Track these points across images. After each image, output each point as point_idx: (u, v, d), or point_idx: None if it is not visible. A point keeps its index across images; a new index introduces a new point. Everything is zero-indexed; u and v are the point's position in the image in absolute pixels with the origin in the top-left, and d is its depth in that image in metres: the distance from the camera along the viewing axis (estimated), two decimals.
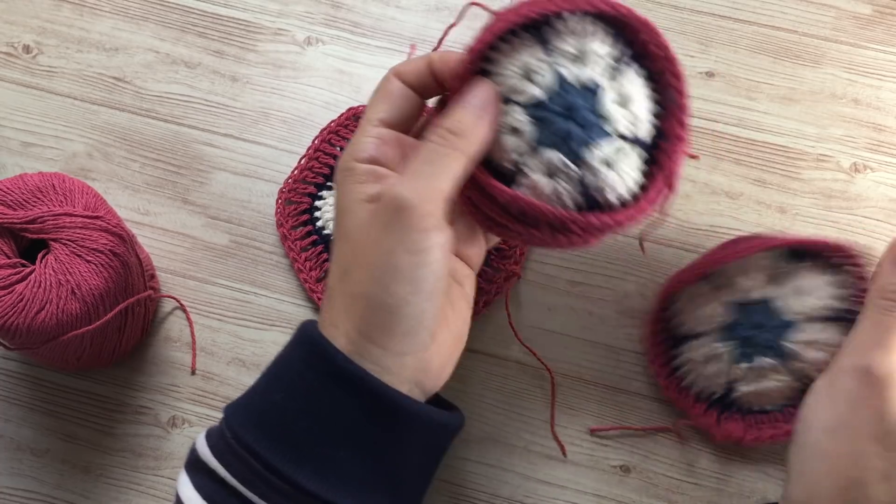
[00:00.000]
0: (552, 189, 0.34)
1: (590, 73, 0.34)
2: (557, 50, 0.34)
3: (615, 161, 0.34)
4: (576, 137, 0.34)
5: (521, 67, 0.34)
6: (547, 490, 0.46)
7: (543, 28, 0.35)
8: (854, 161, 0.52)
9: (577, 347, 0.49)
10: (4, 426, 0.47)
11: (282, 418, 0.33)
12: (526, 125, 0.34)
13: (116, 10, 0.55)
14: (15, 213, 0.40)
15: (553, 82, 0.34)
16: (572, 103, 0.34)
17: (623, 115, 0.34)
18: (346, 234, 0.34)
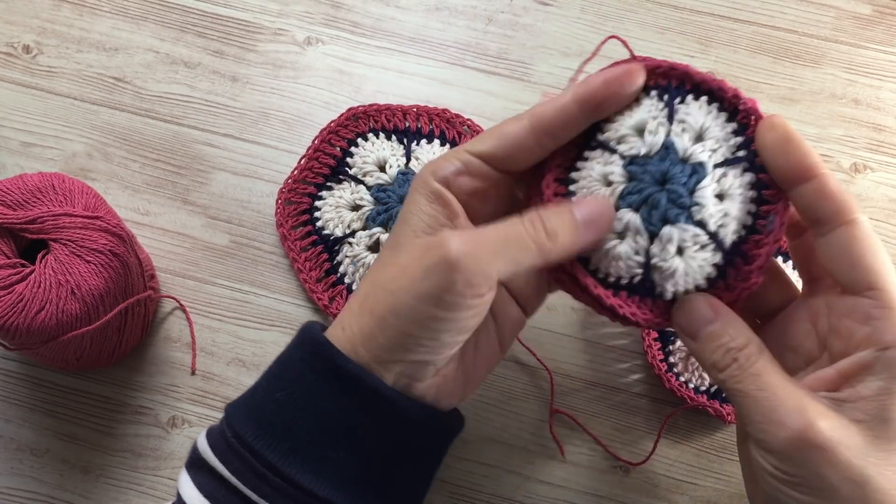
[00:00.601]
0: (615, 250, 0.33)
1: (701, 152, 0.32)
2: (679, 120, 0.33)
3: (688, 252, 0.32)
4: (661, 210, 0.32)
5: (638, 121, 0.33)
6: (547, 490, 0.46)
7: (673, 94, 0.33)
8: (854, 161, 0.52)
9: (577, 347, 0.49)
10: (4, 426, 0.47)
11: (281, 417, 0.33)
12: (620, 178, 0.33)
13: (116, 10, 0.55)
14: (15, 213, 0.40)
15: (661, 145, 0.33)
16: (672, 175, 0.32)
17: (716, 210, 0.32)
18: (394, 244, 0.34)
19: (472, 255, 0.31)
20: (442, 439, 0.36)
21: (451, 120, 0.52)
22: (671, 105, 0.33)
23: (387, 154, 0.51)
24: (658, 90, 0.34)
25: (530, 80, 0.54)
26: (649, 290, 0.34)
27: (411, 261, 0.32)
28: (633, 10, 0.56)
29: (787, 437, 0.29)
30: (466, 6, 0.56)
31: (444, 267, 0.31)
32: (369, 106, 0.52)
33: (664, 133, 0.33)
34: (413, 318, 0.31)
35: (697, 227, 0.32)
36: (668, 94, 0.33)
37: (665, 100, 0.33)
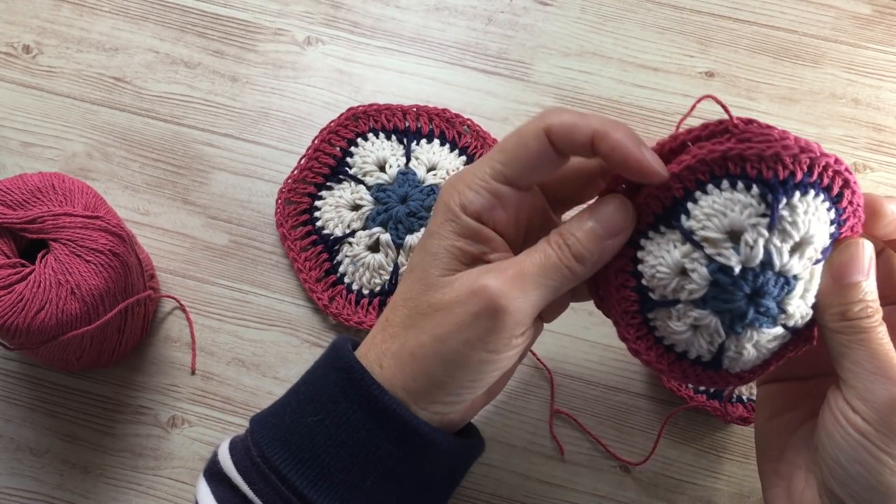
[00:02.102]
0: (688, 339, 0.32)
1: (798, 265, 0.30)
2: (781, 230, 0.29)
3: (765, 344, 0.32)
4: (747, 320, 0.31)
5: (733, 223, 0.30)
6: (547, 490, 0.46)
7: (778, 195, 0.29)
8: (854, 161, 0.52)
9: (577, 347, 0.49)
10: (4, 426, 0.47)
11: (312, 442, 0.33)
12: (703, 281, 0.31)
13: (116, 10, 0.55)
14: (15, 213, 0.40)
15: (758, 262, 0.30)
16: (764, 290, 0.30)
17: (801, 312, 0.31)
18: (427, 281, 0.33)
19: (516, 296, 0.31)
20: (467, 464, 0.36)
21: (451, 120, 0.52)
22: (774, 207, 0.29)
23: (387, 154, 0.51)
24: (759, 185, 0.29)
25: (530, 80, 0.54)
26: (714, 366, 0.33)
27: (453, 304, 0.32)
28: (633, 10, 0.56)
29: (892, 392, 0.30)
30: (466, 6, 0.56)
31: (491, 312, 0.31)
32: (369, 106, 0.52)
33: (762, 246, 0.29)
34: (461, 364, 0.32)
35: (780, 327, 0.32)
36: (770, 191, 0.29)
37: (768, 199, 0.29)
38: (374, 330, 0.35)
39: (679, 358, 0.34)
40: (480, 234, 0.33)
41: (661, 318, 0.33)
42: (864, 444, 0.31)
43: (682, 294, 0.31)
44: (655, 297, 0.32)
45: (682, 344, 0.33)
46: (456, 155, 0.52)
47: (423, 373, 0.32)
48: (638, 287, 0.33)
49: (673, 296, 0.32)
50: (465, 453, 0.35)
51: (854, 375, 0.31)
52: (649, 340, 0.34)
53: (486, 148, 0.52)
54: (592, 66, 0.55)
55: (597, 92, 0.54)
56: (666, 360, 0.34)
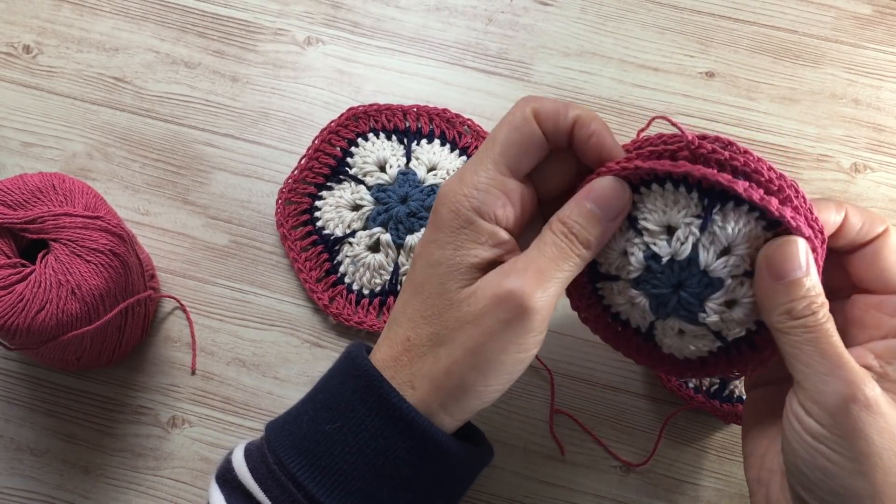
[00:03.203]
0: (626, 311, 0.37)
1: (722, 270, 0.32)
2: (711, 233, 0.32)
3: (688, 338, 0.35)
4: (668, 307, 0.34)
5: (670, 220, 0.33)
6: (547, 490, 0.46)
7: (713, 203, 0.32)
8: (854, 161, 0.52)
9: (577, 347, 0.49)
10: (4, 426, 0.47)
11: (329, 449, 0.32)
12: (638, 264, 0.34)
13: (116, 10, 0.55)
14: (15, 213, 0.40)
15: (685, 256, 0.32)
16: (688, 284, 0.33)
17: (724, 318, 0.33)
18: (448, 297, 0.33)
19: (539, 295, 0.32)
20: (477, 472, 0.36)
21: (451, 120, 0.52)
22: (709, 213, 0.32)
23: (387, 154, 0.51)
24: (699, 190, 0.32)
25: (530, 80, 0.54)
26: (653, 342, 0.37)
27: (482, 315, 0.32)
28: (633, 10, 0.56)
29: (844, 391, 0.30)
30: (466, 6, 0.56)
31: (520, 315, 0.31)
32: (369, 106, 0.52)
33: (691, 244, 0.32)
34: (497, 370, 0.32)
35: (701, 326, 0.34)
36: (708, 198, 0.32)
37: (704, 203, 0.32)
38: (398, 352, 0.34)
39: (623, 327, 0.38)
40: (497, 236, 0.33)
41: (605, 289, 0.37)
42: (819, 448, 0.30)
43: (623, 273, 0.35)
44: (602, 270, 0.36)
45: (623, 313, 0.37)
46: (456, 155, 0.52)
47: (461, 387, 0.32)
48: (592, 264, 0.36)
49: (616, 272, 0.35)
50: (478, 462, 0.36)
51: (805, 377, 0.31)
52: (597, 310, 0.38)
53: None
54: (592, 66, 0.55)
55: (597, 92, 0.54)
56: (612, 329, 0.38)
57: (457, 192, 0.33)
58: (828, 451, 0.30)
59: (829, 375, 0.30)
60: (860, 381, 0.30)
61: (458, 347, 0.32)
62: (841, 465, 0.30)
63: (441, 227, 0.33)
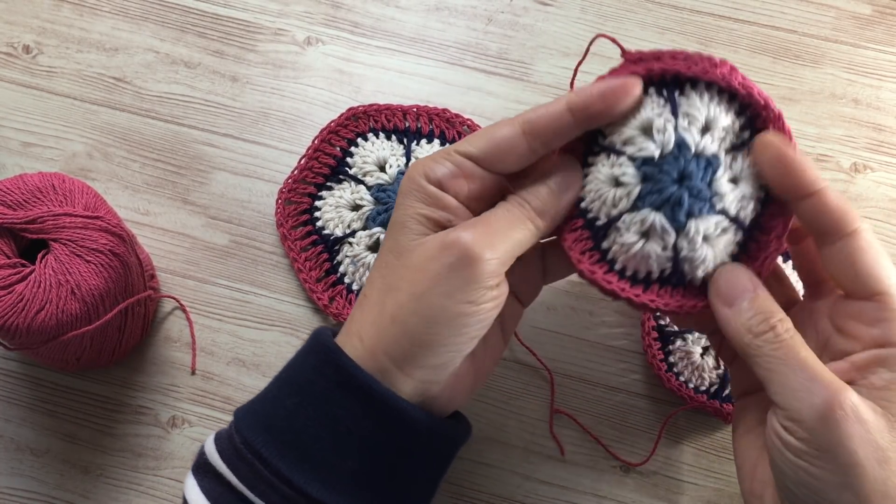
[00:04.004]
0: (643, 250, 0.34)
1: (712, 144, 0.33)
2: (684, 114, 0.33)
3: (714, 238, 0.33)
4: (684, 205, 0.33)
5: (643, 121, 0.33)
6: (547, 490, 0.46)
7: (672, 89, 0.33)
8: (854, 161, 0.52)
9: (577, 347, 0.49)
10: (4, 426, 0.47)
11: (291, 424, 0.33)
12: (633, 179, 0.33)
13: (116, 10, 0.55)
14: (15, 213, 0.40)
15: (672, 143, 0.33)
16: (689, 171, 0.33)
17: (735, 195, 0.33)
18: (398, 249, 0.34)
19: (487, 245, 0.32)
20: (450, 447, 0.36)
21: (451, 120, 0.52)
22: (673, 99, 0.33)
23: (387, 154, 0.51)
24: (655, 86, 0.34)
25: (530, 80, 0.54)
26: (679, 280, 0.35)
27: (428, 261, 0.32)
28: (632, 10, 0.56)
29: (820, 405, 0.29)
30: (466, 6, 0.56)
31: (466, 261, 0.31)
32: (369, 106, 0.52)
33: (672, 130, 0.33)
34: (442, 318, 0.32)
35: (720, 215, 0.33)
36: (666, 89, 0.33)
37: (665, 95, 0.33)
38: (353, 310, 0.35)
39: (647, 284, 0.35)
40: (442, 200, 0.34)
41: (615, 242, 0.34)
42: (801, 465, 0.30)
43: (622, 203, 0.34)
44: (601, 221, 0.35)
45: (641, 262, 0.34)
46: None
47: (405, 333, 0.32)
48: (587, 224, 0.35)
49: (616, 211, 0.34)
50: (449, 434, 0.35)
51: (780, 395, 0.31)
52: (614, 276, 0.35)
53: None
54: (593, 66, 0.55)
55: None
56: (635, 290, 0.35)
57: (415, 163, 0.35)
58: (810, 468, 0.30)
59: (802, 390, 0.30)
60: (835, 391, 0.29)
61: (402, 292, 0.33)
62: (825, 480, 0.30)
63: (399, 192, 0.35)
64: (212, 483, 0.33)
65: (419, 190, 0.34)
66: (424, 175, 0.34)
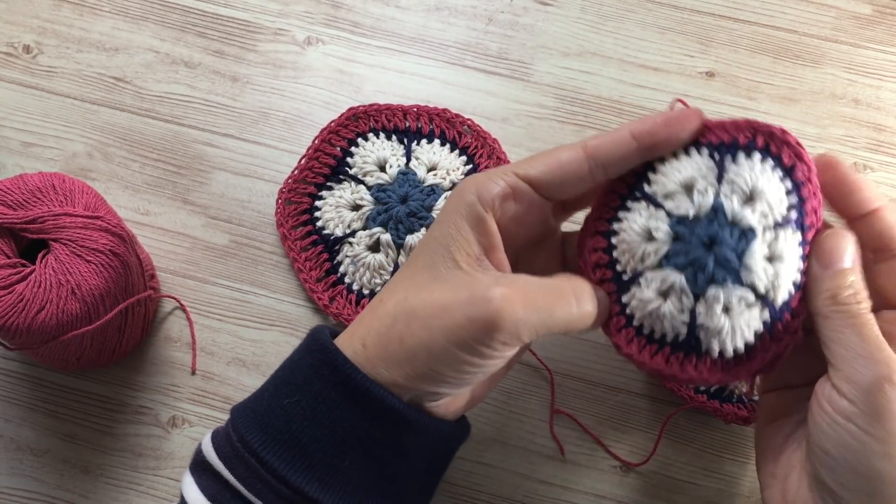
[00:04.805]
0: (660, 310, 0.33)
1: (751, 216, 0.32)
2: (730, 180, 0.32)
3: (736, 310, 0.32)
4: (708, 273, 0.32)
5: (687, 179, 0.33)
6: (547, 490, 0.46)
7: (724, 151, 0.33)
8: (854, 161, 0.52)
9: (577, 347, 0.49)
10: (4, 426, 0.47)
11: (288, 424, 0.33)
12: (665, 237, 0.33)
13: (116, 10, 0.55)
14: (15, 213, 0.40)
15: (709, 207, 0.32)
16: (720, 237, 0.32)
17: (766, 273, 0.32)
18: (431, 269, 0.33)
19: (516, 316, 0.31)
20: (448, 447, 0.36)
21: (451, 120, 0.52)
22: (722, 163, 0.33)
23: (387, 154, 0.51)
24: (709, 147, 0.33)
25: (530, 79, 0.54)
26: (695, 348, 0.34)
27: (453, 302, 0.32)
28: (633, 9, 0.56)
29: (879, 373, 0.30)
30: (466, 6, 0.56)
31: (487, 322, 0.31)
32: (369, 106, 0.52)
33: (713, 194, 0.32)
34: (446, 360, 0.32)
35: (746, 288, 0.32)
36: (718, 152, 0.33)
37: (716, 158, 0.33)
38: (365, 311, 0.35)
39: (661, 346, 0.35)
40: (486, 225, 0.33)
41: (634, 296, 0.34)
42: (848, 427, 0.31)
43: (650, 259, 0.34)
44: (627, 275, 0.35)
45: (657, 321, 0.34)
46: (456, 155, 0.52)
47: (408, 360, 0.32)
48: (614, 277, 0.35)
49: (641, 266, 0.34)
50: (445, 433, 0.35)
51: (842, 359, 0.31)
52: (630, 333, 0.35)
53: (486, 148, 0.52)
54: (592, 66, 0.55)
55: (597, 92, 0.54)
56: (648, 351, 0.35)
57: (470, 179, 0.34)
58: (856, 431, 0.30)
59: (867, 357, 0.31)
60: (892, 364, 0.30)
61: (419, 322, 0.32)
62: (869, 446, 0.30)
63: (445, 206, 0.34)
64: (209, 481, 0.33)
65: (469, 208, 0.33)
66: (478, 194, 0.33)
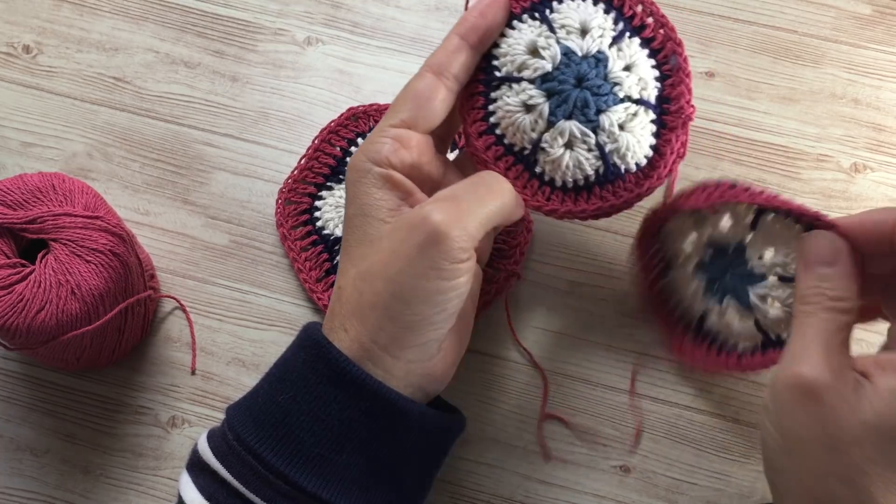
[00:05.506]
0: (573, 160, 0.37)
1: (595, 43, 0.36)
2: (561, 27, 0.37)
3: (630, 124, 0.36)
4: (591, 104, 0.36)
5: (528, 44, 0.37)
6: (547, 490, 0.46)
7: (541, 8, 0.37)
8: (854, 161, 0.52)
9: (577, 347, 0.49)
10: (4, 426, 0.47)
11: (284, 419, 0.33)
12: (539, 98, 0.36)
13: (116, 10, 0.55)
14: (15, 213, 0.40)
15: (559, 54, 0.36)
16: (583, 73, 0.36)
17: (632, 80, 0.37)
18: (367, 238, 0.34)
19: (455, 220, 0.32)
20: (445, 438, 0.36)
21: None
22: (545, 17, 0.37)
23: None
24: (525, 10, 0.38)
25: None
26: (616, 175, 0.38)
27: (398, 244, 0.33)
28: None
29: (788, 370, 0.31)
30: None
31: (435, 238, 0.32)
32: (369, 106, 0.52)
33: (555, 43, 0.37)
34: (419, 297, 0.32)
35: (625, 101, 0.37)
36: (536, 11, 0.37)
37: (537, 15, 0.37)
38: (331, 304, 0.35)
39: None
40: (394, 179, 0.34)
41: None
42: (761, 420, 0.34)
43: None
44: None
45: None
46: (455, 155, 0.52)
47: (387, 318, 0.33)
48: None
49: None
50: (441, 424, 0.35)
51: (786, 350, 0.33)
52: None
53: None
54: None
55: None
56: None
57: (356, 152, 0.36)
58: (766, 423, 0.32)
59: (790, 352, 0.32)
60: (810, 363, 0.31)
61: (378, 278, 0.33)
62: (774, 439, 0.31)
63: (348, 186, 0.36)
64: (207, 480, 0.33)
65: (368, 174, 0.35)
66: (369, 159, 0.35)
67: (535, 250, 0.50)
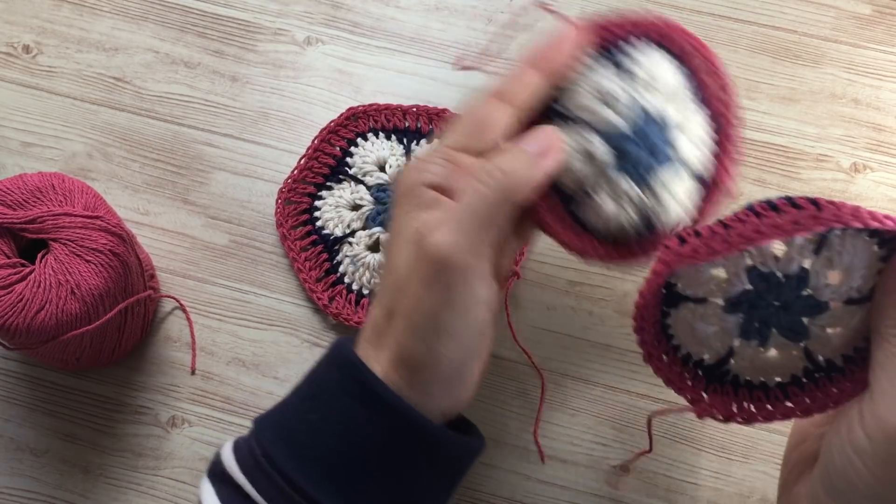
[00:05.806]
0: (615, 212, 0.34)
1: (661, 101, 0.34)
2: (629, 73, 0.34)
3: (673, 186, 0.34)
4: (644, 164, 0.34)
5: (597, 90, 0.34)
6: (547, 490, 0.46)
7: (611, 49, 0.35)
8: (854, 161, 0.52)
9: (577, 347, 0.49)
10: (4, 426, 0.47)
11: (314, 440, 0.32)
12: (604, 154, 0.34)
13: (116, 10, 0.55)
14: (15, 213, 0.40)
15: (634, 112, 0.34)
16: (646, 132, 0.34)
17: (686, 145, 0.34)
18: (391, 267, 0.33)
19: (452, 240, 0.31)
20: (468, 461, 0.36)
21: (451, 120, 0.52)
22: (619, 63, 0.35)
23: (386, 154, 0.51)
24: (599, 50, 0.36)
25: None
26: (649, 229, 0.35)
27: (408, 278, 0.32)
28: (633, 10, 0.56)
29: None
30: (466, 6, 0.56)
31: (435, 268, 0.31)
32: (369, 106, 0.52)
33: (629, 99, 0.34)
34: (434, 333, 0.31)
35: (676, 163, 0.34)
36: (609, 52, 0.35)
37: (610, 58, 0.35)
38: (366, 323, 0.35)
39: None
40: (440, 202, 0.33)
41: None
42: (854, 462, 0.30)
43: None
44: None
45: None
46: None
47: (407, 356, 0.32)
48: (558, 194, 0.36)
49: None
50: (468, 450, 0.35)
51: (882, 390, 0.29)
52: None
53: None
54: None
55: None
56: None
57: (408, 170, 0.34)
58: (862, 468, 0.29)
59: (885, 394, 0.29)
60: None
61: (399, 316, 0.32)
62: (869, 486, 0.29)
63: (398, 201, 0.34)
64: (230, 492, 0.33)
65: (412, 195, 0.33)
66: (419, 180, 0.33)
67: (534, 250, 0.50)
